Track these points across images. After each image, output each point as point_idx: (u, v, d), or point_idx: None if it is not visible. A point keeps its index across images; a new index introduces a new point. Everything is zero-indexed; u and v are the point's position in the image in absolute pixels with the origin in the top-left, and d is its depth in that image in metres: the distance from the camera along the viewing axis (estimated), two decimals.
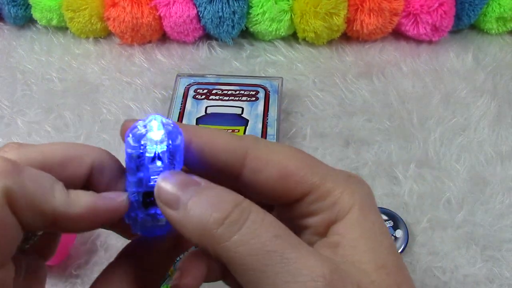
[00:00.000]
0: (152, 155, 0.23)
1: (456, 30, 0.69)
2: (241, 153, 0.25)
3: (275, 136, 0.53)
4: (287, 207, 0.25)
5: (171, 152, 0.24)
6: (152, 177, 0.23)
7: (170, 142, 0.24)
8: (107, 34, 0.69)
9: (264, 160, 0.24)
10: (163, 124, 0.24)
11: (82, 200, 0.23)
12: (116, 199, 0.24)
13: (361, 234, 0.24)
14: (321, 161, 0.26)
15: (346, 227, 0.24)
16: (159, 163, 0.23)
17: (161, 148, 0.24)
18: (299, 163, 0.25)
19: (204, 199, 0.22)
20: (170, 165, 0.24)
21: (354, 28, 0.66)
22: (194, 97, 0.57)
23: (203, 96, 0.57)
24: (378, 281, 0.22)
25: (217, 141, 0.25)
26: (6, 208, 0.20)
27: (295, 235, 0.23)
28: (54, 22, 0.68)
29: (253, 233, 0.21)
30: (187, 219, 0.22)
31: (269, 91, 0.58)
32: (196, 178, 0.23)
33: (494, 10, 0.67)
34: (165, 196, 0.23)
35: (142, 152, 0.23)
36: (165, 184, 0.23)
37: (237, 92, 0.58)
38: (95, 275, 0.45)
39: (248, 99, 0.57)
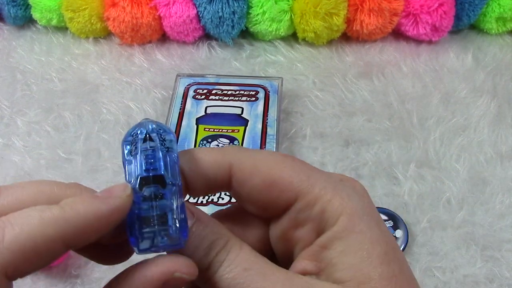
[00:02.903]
0: (144, 135, 0.24)
1: (456, 30, 0.69)
2: (226, 166, 0.24)
3: (275, 136, 0.53)
4: (278, 220, 0.25)
5: (161, 135, 0.24)
6: (147, 161, 0.23)
7: (161, 131, 0.24)
8: (107, 34, 0.69)
9: (248, 170, 0.24)
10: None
11: (80, 211, 0.21)
12: (119, 194, 0.22)
13: (346, 248, 0.22)
14: (311, 165, 0.24)
15: (332, 240, 0.23)
16: (151, 143, 0.23)
17: (151, 131, 0.24)
18: (285, 170, 0.24)
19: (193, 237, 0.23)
20: (162, 145, 0.23)
21: (354, 28, 0.66)
22: (194, 97, 0.57)
23: (203, 96, 0.57)
24: None
25: (200, 159, 0.24)
26: None
27: (269, 264, 0.23)
28: (54, 22, 0.68)
29: (227, 269, 0.23)
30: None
31: (269, 91, 0.58)
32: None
33: (494, 10, 0.67)
34: None
35: (135, 138, 0.24)
36: None
37: (237, 92, 0.58)
38: (95, 275, 0.46)
39: (248, 99, 0.57)
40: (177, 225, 0.22)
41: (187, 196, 0.26)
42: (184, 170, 0.24)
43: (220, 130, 0.54)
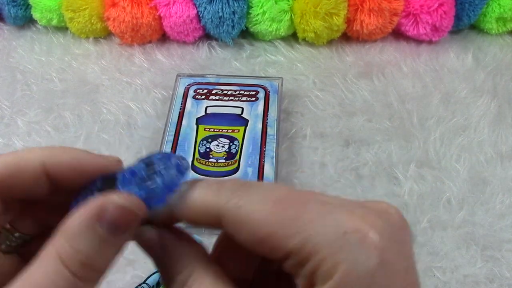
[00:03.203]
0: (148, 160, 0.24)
1: (456, 30, 0.69)
2: (215, 216, 0.22)
3: (275, 136, 0.53)
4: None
5: (156, 173, 0.23)
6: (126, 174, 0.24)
7: (160, 168, 0.23)
8: (107, 34, 0.69)
9: (237, 226, 0.22)
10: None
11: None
12: (108, 156, 0.24)
13: None
14: (315, 203, 0.21)
15: None
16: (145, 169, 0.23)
17: (153, 162, 0.24)
18: (274, 226, 0.21)
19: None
20: (143, 179, 0.23)
21: (354, 28, 0.66)
22: (194, 97, 0.57)
23: (203, 96, 0.57)
24: None
25: (191, 202, 0.23)
26: None
27: None
28: (54, 22, 0.68)
29: None
30: None
31: (269, 91, 0.58)
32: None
33: (494, 10, 0.67)
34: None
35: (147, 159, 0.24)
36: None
37: (237, 92, 0.58)
38: None
39: (248, 99, 0.57)
40: None
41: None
42: (174, 208, 0.23)
43: (220, 130, 0.54)
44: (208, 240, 0.49)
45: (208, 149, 0.52)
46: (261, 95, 0.57)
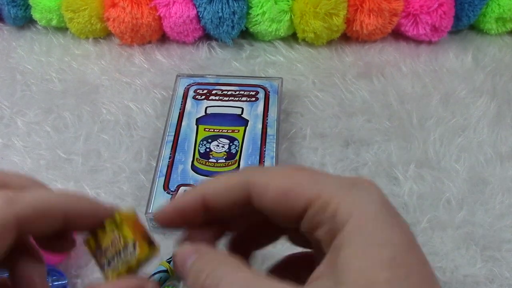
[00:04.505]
0: None
1: (455, 31, 0.69)
2: (245, 186, 0.26)
3: (274, 136, 0.53)
4: (297, 227, 0.26)
5: None
6: None
7: None
8: (107, 35, 0.69)
9: (262, 186, 0.25)
10: None
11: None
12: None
13: (352, 252, 0.22)
14: (323, 172, 0.25)
15: (341, 243, 0.23)
16: None
17: None
18: (296, 179, 0.25)
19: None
20: None
21: (354, 29, 0.66)
22: (194, 97, 0.57)
23: (203, 97, 0.57)
24: None
25: (222, 183, 0.27)
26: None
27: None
28: (54, 23, 0.68)
29: None
30: None
31: (269, 92, 0.58)
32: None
33: (494, 11, 0.67)
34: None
35: None
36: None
37: (237, 92, 0.58)
38: (95, 275, 0.45)
39: (248, 99, 0.57)
40: None
41: None
42: (209, 195, 0.27)
43: (220, 131, 0.54)
44: None
45: (208, 149, 0.52)
46: (261, 95, 0.57)
